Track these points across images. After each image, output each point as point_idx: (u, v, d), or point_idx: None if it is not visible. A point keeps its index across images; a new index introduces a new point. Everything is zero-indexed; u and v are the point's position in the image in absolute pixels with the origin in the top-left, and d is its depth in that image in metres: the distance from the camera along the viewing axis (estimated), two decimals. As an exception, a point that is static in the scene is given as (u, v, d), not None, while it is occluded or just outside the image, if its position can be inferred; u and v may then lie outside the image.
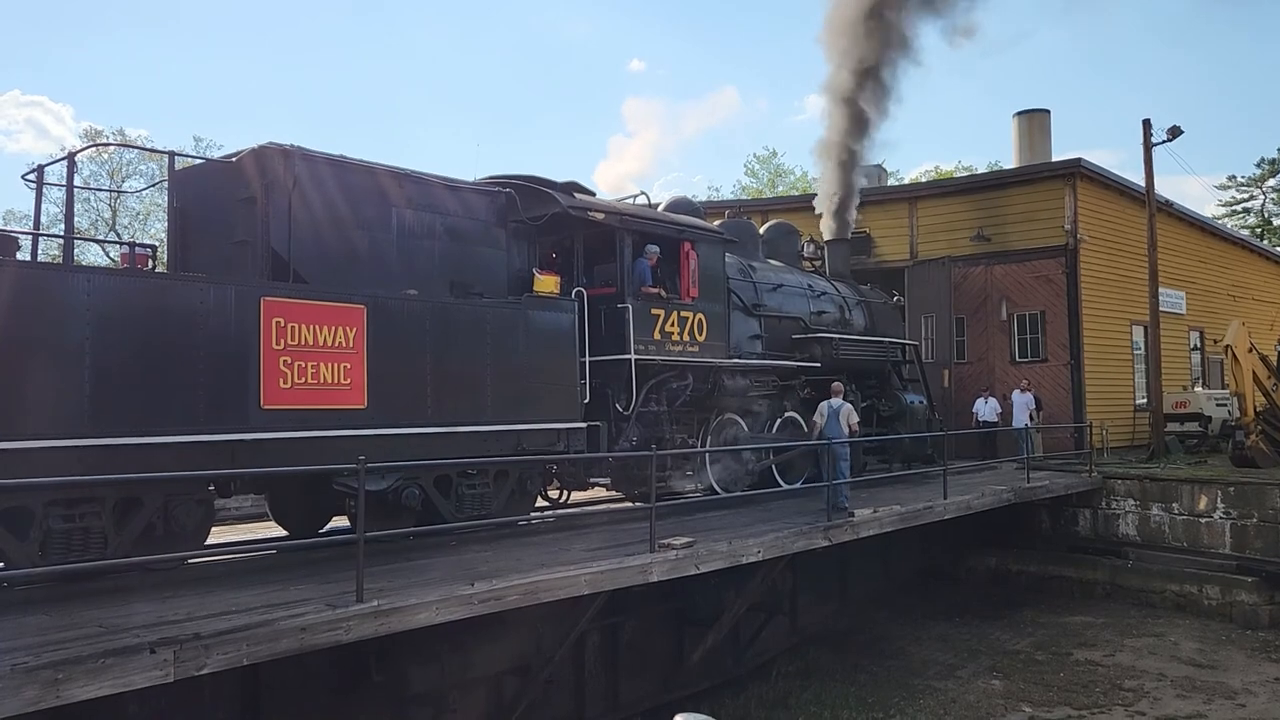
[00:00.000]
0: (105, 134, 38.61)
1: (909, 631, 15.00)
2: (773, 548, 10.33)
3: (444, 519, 9.70)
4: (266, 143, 9.23)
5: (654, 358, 12.29)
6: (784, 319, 15.48)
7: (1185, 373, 26.54)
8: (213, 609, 6.49)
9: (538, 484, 11.55)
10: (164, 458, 7.65)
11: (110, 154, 36.23)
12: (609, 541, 9.82)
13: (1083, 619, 15.24)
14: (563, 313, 10.98)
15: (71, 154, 9.29)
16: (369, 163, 10.03)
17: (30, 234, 9.77)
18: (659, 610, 11.67)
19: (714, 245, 13.64)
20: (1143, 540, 16.82)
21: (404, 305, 9.45)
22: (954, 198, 24.33)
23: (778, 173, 53.30)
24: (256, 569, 8.48)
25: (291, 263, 9.10)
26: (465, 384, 9.86)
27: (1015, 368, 22.31)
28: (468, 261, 10.64)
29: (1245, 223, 57.07)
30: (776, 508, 12.73)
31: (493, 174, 12.19)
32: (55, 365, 7.21)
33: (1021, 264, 22.55)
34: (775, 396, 14.82)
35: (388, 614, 6.75)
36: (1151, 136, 20.98)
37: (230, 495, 10.14)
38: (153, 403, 7.66)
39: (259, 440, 8.22)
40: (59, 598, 7.05)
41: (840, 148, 19.42)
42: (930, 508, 13.37)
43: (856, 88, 19.35)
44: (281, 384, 8.37)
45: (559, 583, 8.01)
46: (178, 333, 7.85)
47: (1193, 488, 16.36)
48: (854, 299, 17.71)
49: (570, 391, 10.96)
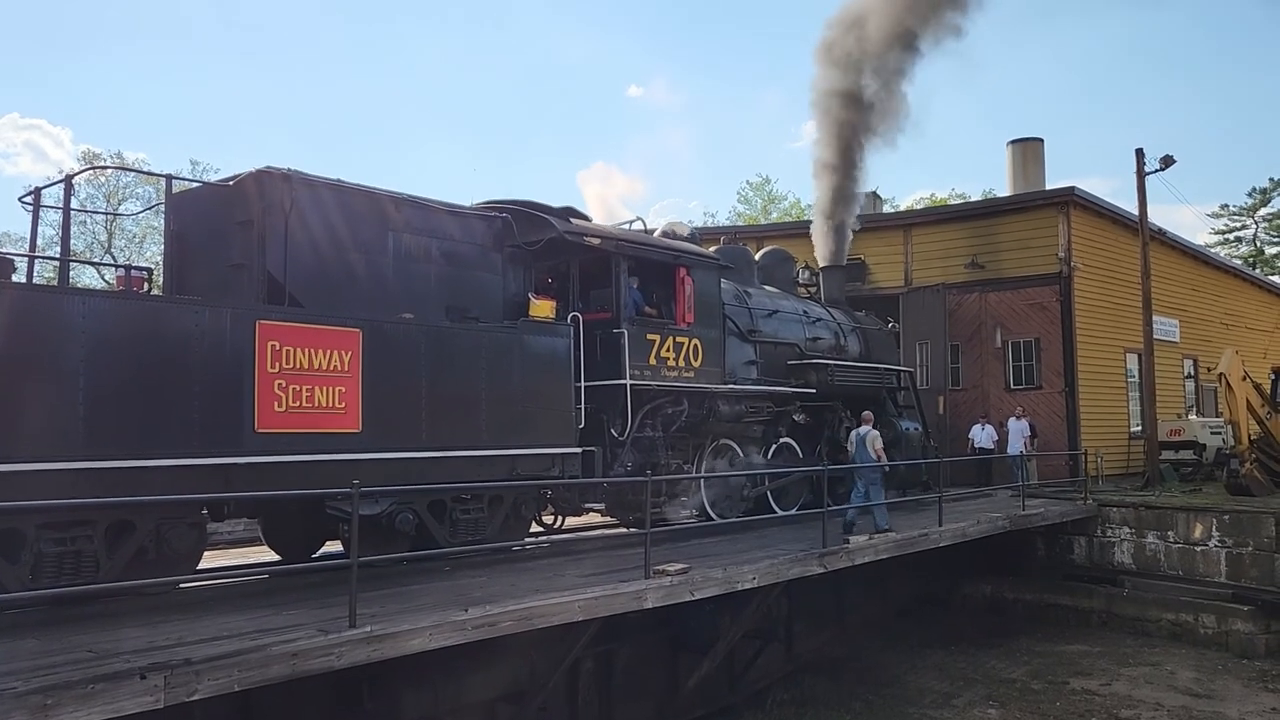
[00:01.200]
0: (103, 157, 38.71)
1: (905, 659, 14.92)
2: (768, 574, 10.28)
3: (438, 544, 9.64)
4: (264, 166, 9.26)
5: (649, 383, 12.29)
6: (779, 345, 15.49)
7: (1179, 400, 26.60)
8: (204, 634, 6.43)
9: (532, 509, 11.50)
10: (157, 481, 7.61)
11: (107, 177, 36.32)
12: (603, 567, 9.78)
13: (1079, 648, 15.17)
14: (558, 337, 10.98)
15: (68, 176, 9.29)
16: (366, 187, 10.06)
17: (26, 256, 9.77)
18: (654, 637, 11.59)
19: (709, 271, 13.68)
20: (1138, 568, 16.78)
21: (400, 329, 9.45)
22: (948, 225, 24.47)
23: (771, 199, 53.61)
24: (249, 594, 8.42)
25: (287, 286, 9.09)
26: (460, 408, 9.84)
27: (1010, 395, 22.34)
28: (464, 286, 10.65)
29: (1238, 251, 57.50)
30: (772, 534, 12.68)
31: (489, 198, 12.26)
32: (49, 387, 7.18)
33: (1016, 291, 22.64)
34: (770, 422, 14.82)
35: (380, 640, 6.70)
36: (1144, 165, 21.17)
37: (223, 519, 10.12)
38: (147, 425, 7.63)
39: (253, 464, 8.18)
40: (49, 622, 6.99)
41: (835, 175, 19.58)
42: (926, 535, 13.33)
43: (850, 122, 19.54)
44: (276, 407, 8.35)
45: (553, 609, 7.95)
46: (173, 355, 7.83)
47: (1188, 516, 16.34)
48: (849, 325, 17.75)
49: (565, 416, 10.94)
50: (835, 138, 19.69)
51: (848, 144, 19.63)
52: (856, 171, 19.90)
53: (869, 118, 19.82)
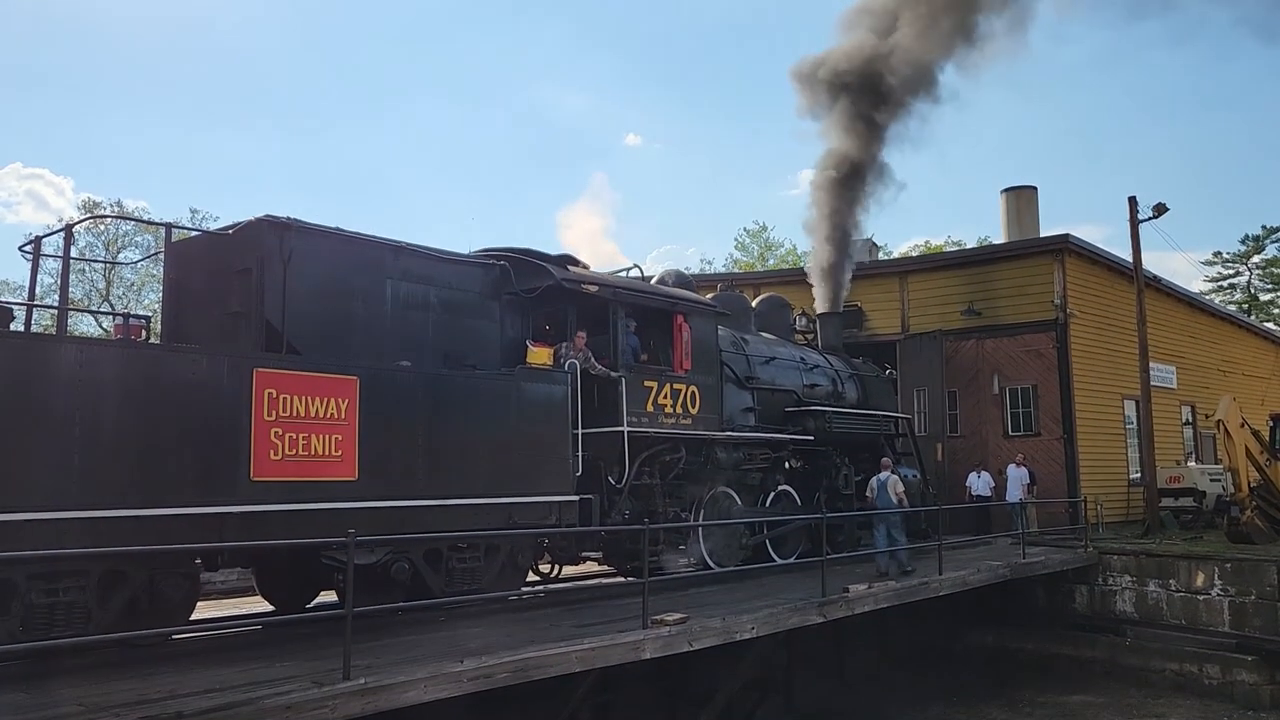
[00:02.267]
0: (103, 205, 38.96)
1: (906, 711, 14.71)
2: (767, 624, 10.18)
3: (434, 593, 9.55)
4: (262, 215, 9.32)
5: (647, 430, 12.26)
6: (777, 391, 15.49)
7: (1178, 447, 26.55)
8: (195, 687, 6.35)
9: (529, 558, 11.41)
10: (151, 530, 7.55)
11: (107, 225, 36.51)
12: (601, 617, 9.68)
13: (1082, 698, 14.97)
14: (555, 385, 10.98)
15: (68, 226, 9.34)
16: (364, 235, 10.12)
17: (24, 305, 9.80)
18: (652, 688, 11.44)
19: (707, 318, 13.72)
20: (1140, 617, 16.62)
21: (397, 377, 9.45)
22: (944, 272, 24.61)
23: (768, 246, 53.92)
24: (242, 645, 8.33)
25: (285, 334, 9.11)
26: (457, 456, 9.80)
27: (1009, 441, 22.30)
28: (461, 333, 10.67)
29: (1232, 298, 57.79)
30: (770, 583, 12.57)
31: (487, 246, 12.32)
32: (44, 436, 7.15)
33: (1012, 338, 22.70)
34: (769, 469, 14.76)
35: (375, 692, 6.61)
36: (1138, 213, 21.34)
37: (217, 569, 10.03)
38: (142, 474, 7.59)
39: (247, 513, 8.13)
40: (38, 674, 6.88)
41: (830, 225, 19.77)
42: (926, 584, 13.23)
43: (845, 175, 19.83)
44: (272, 455, 8.31)
45: (550, 660, 7.86)
46: (169, 403, 7.81)
47: (1189, 564, 16.21)
48: (846, 372, 17.77)
49: (563, 464, 10.89)
50: (831, 196, 19.97)
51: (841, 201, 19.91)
52: (849, 223, 20.13)
53: (862, 179, 20.18)
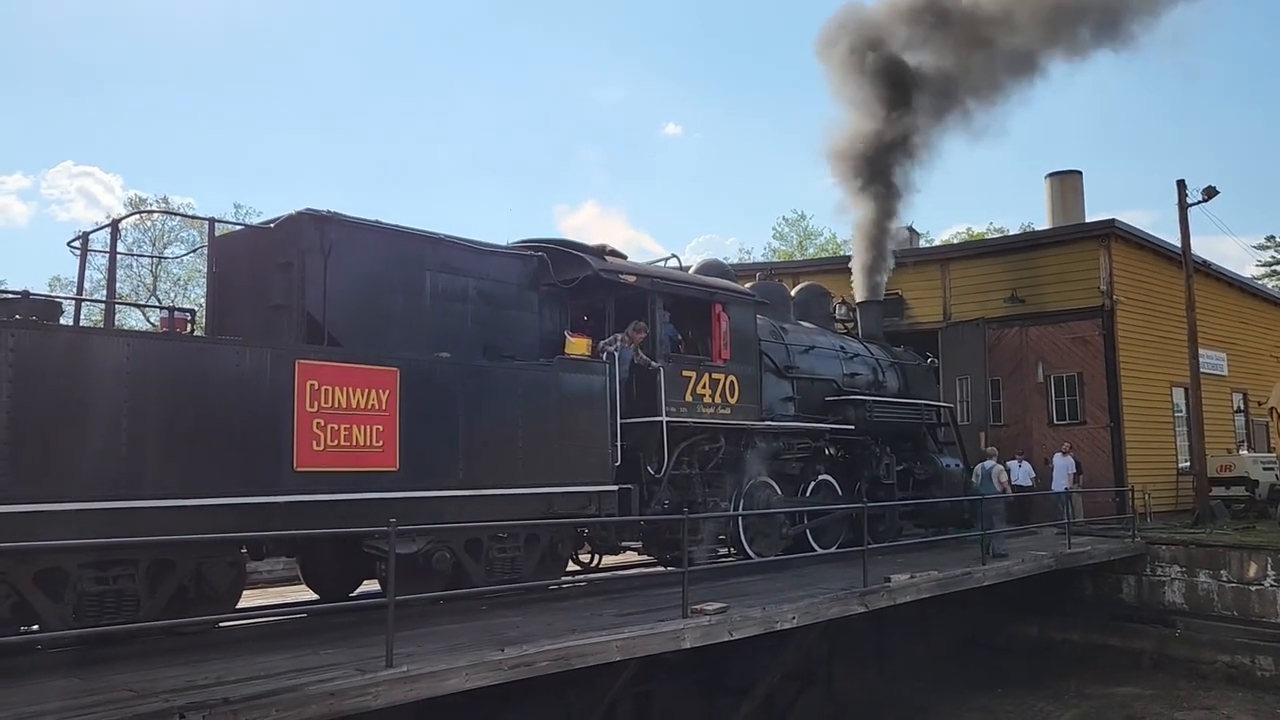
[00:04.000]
0: (150, 202, 39.63)
1: (949, 702, 14.58)
2: (807, 614, 10.12)
3: (474, 583, 9.62)
4: (303, 209, 9.41)
5: (686, 420, 12.24)
6: (816, 381, 15.39)
7: (1229, 435, 26.00)
8: (241, 673, 6.44)
9: (569, 547, 11.45)
10: (198, 520, 7.67)
11: (153, 221, 37.14)
12: (641, 606, 9.68)
13: (1130, 690, 14.74)
14: (594, 375, 10.99)
15: (115, 221, 9.50)
16: (403, 227, 10.18)
17: (73, 299, 9.98)
18: (692, 678, 11.43)
19: (745, 307, 13.65)
20: (1190, 608, 16.33)
21: (437, 368, 9.50)
22: (986, 259, 24.26)
23: (806, 235, 53.55)
24: (287, 633, 8.43)
25: (326, 326, 9.20)
26: (497, 446, 9.85)
27: (1053, 430, 21.96)
28: (500, 324, 10.71)
29: (1285, 283, 56.35)
30: (811, 572, 12.51)
31: (525, 238, 12.33)
32: (93, 428, 7.29)
33: (1057, 325, 22.33)
34: (809, 459, 14.67)
35: (417, 679, 6.66)
36: (1186, 197, 20.89)
37: (262, 558, 10.15)
38: (188, 465, 7.71)
39: (291, 503, 8.23)
40: (90, 661, 7.04)
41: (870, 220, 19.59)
42: (969, 574, 13.09)
43: (882, 163, 19.58)
44: (315, 446, 8.40)
45: (590, 649, 7.88)
46: (214, 395, 7.92)
47: (1241, 554, 15.90)
48: (887, 361, 17.59)
49: (602, 454, 10.90)
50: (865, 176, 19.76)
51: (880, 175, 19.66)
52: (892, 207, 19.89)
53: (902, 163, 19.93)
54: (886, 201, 19.76)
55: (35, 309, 7.66)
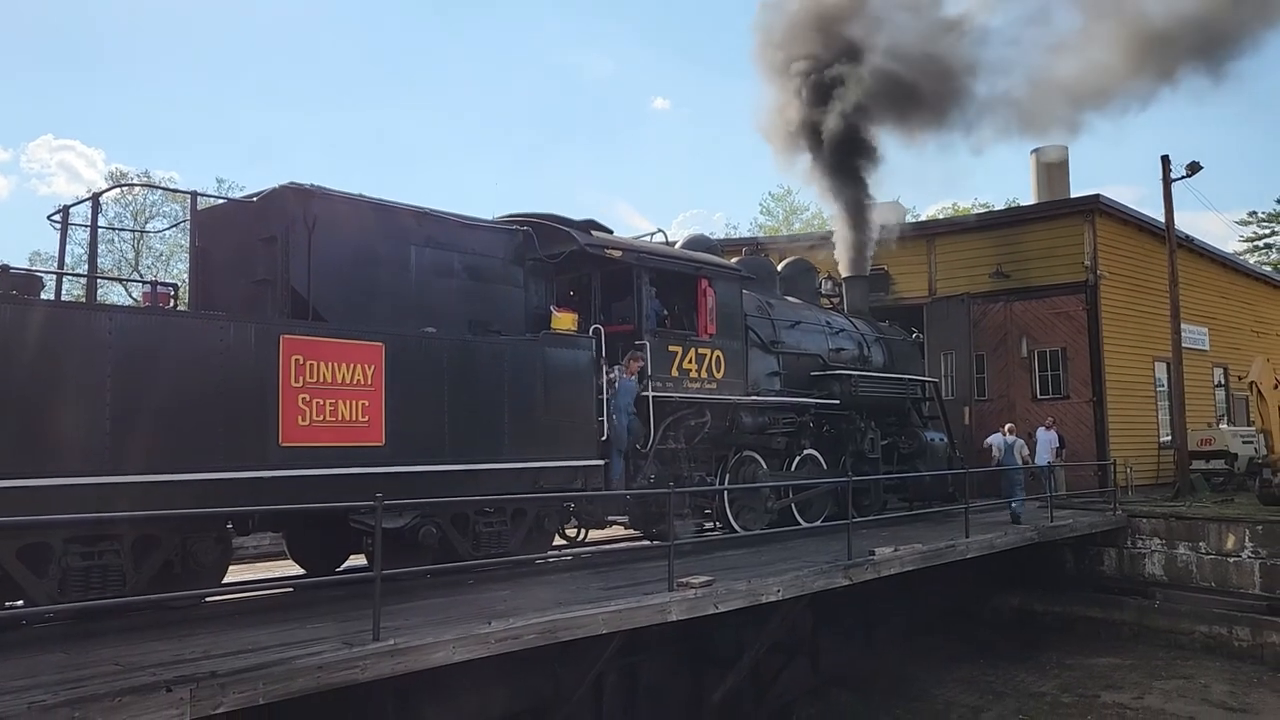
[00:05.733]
0: (131, 175, 39.17)
1: (932, 673, 14.75)
2: (792, 586, 10.21)
3: (461, 557, 9.65)
4: (287, 183, 9.33)
5: (672, 394, 12.26)
6: (802, 356, 15.43)
7: (1210, 409, 26.23)
8: (229, 647, 6.46)
9: (555, 522, 11.49)
10: (183, 495, 7.66)
11: (135, 195, 36.77)
12: (627, 580, 9.74)
13: (1110, 660, 14.95)
14: (580, 350, 10.98)
15: (95, 195, 9.41)
16: (388, 201, 10.12)
17: (55, 273, 9.90)
18: (678, 650, 11.52)
19: (731, 282, 13.65)
20: (1169, 580, 16.54)
21: (422, 343, 9.48)
22: (972, 234, 24.30)
23: (793, 210, 53.45)
24: (273, 607, 8.44)
25: (311, 301, 9.15)
26: (483, 421, 9.85)
27: (1037, 405, 22.10)
28: (486, 299, 10.68)
29: (1267, 259, 56.72)
30: (796, 546, 12.60)
31: (511, 212, 12.29)
32: (77, 403, 7.25)
33: (1041, 300, 22.42)
34: (794, 434, 14.74)
35: (404, 653, 6.70)
36: (1170, 173, 20.97)
37: (248, 533, 10.16)
38: (173, 440, 7.69)
39: (277, 478, 8.22)
40: (76, 635, 7.05)
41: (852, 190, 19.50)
42: (953, 546, 13.21)
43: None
44: (300, 421, 8.39)
45: (577, 622, 7.93)
46: (198, 370, 7.89)
47: (1220, 526, 16.10)
48: (873, 336, 17.65)
49: (588, 429, 10.92)
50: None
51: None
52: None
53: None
54: (867, 175, 19.69)
55: (15, 284, 7.59)
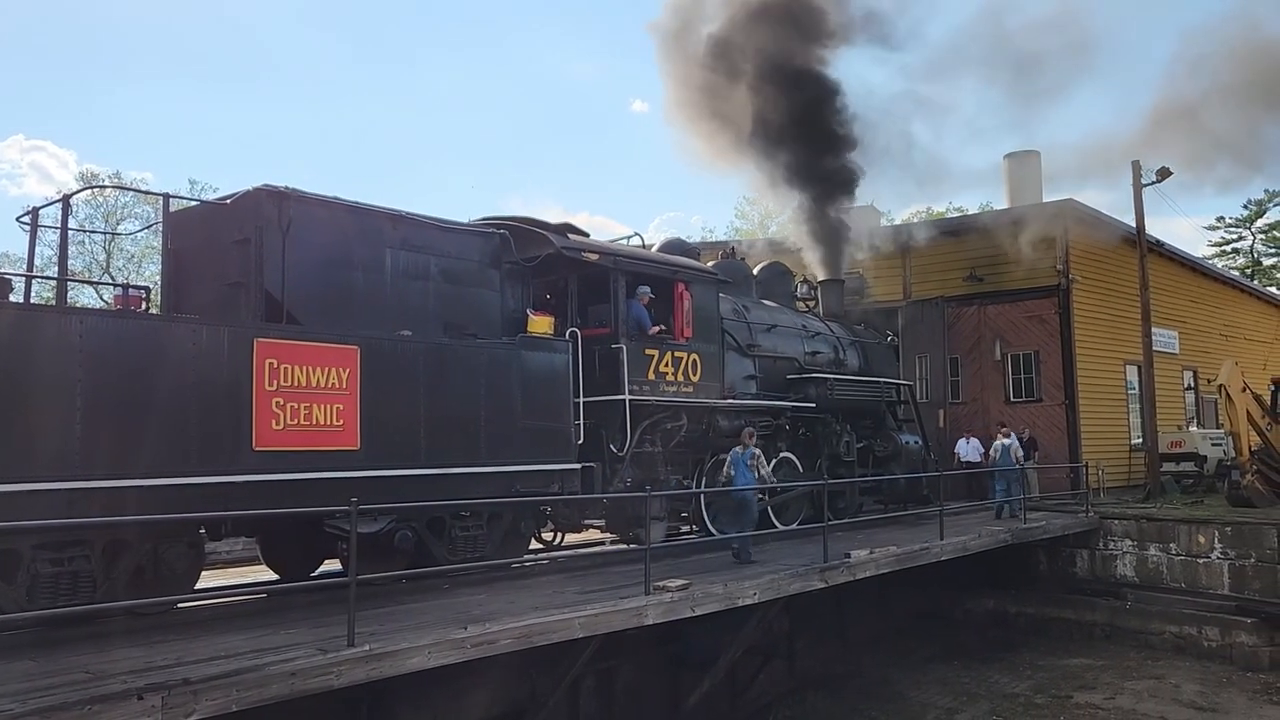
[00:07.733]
0: (103, 177, 38.75)
1: (908, 675, 14.83)
2: (769, 589, 10.23)
3: (437, 562, 9.60)
4: (260, 185, 9.26)
5: (648, 398, 12.26)
6: (778, 359, 15.48)
7: (1180, 412, 26.56)
8: (202, 654, 6.39)
9: (531, 526, 11.46)
10: (155, 500, 7.58)
11: (106, 196, 36.38)
12: (603, 584, 9.74)
13: (1082, 661, 15.09)
14: (557, 353, 10.97)
15: (66, 196, 9.29)
16: (363, 204, 10.06)
17: (24, 276, 9.77)
18: (655, 654, 11.53)
19: (708, 285, 13.67)
20: (1141, 581, 16.71)
21: (397, 346, 9.43)
22: (946, 238, 24.47)
23: (768, 214, 53.62)
24: (247, 613, 8.37)
25: (285, 304, 9.08)
26: (459, 425, 9.81)
27: (1011, 408, 22.29)
28: (462, 302, 10.64)
29: (1235, 263, 57.53)
30: (772, 549, 12.63)
31: (487, 215, 12.25)
32: (46, 407, 7.16)
33: (1014, 304, 22.63)
34: (770, 437, 14.78)
35: (379, 658, 6.66)
36: (1141, 178, 21.21)
37: (221, 538, 10.08)
38: (144, 445, 7.60)
39: (251, 482, 8.15)
40: (46, 643, 6.95)
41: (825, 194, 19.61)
42: (927, 549, 13.29)
43: None
44: (274, 425, 8.32)
45: (553, 626, 7.91)
46: (170, 374, 7.81)
47: (1190, 528, 16.29)
48: (848, 339, 17.73)
49: (564, 433, 10.91)
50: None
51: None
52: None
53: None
54: (841, 179, 19.81)
55: (-16, 286, 7.50)
